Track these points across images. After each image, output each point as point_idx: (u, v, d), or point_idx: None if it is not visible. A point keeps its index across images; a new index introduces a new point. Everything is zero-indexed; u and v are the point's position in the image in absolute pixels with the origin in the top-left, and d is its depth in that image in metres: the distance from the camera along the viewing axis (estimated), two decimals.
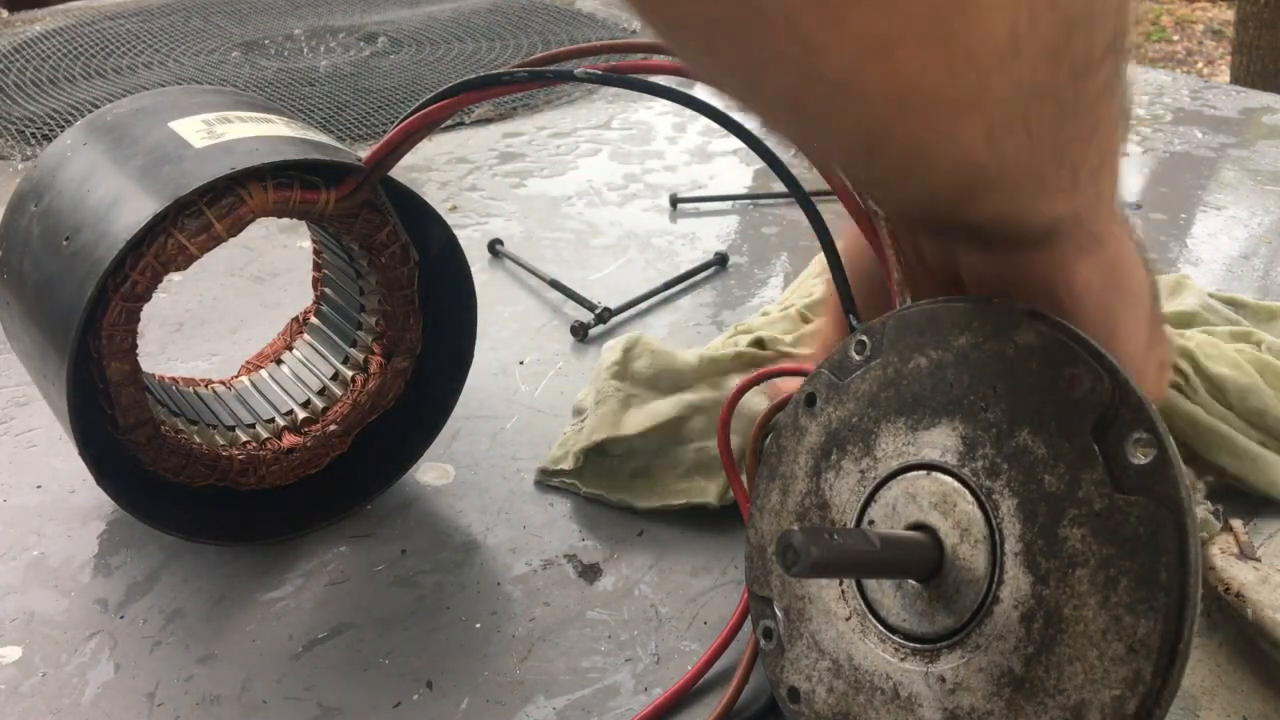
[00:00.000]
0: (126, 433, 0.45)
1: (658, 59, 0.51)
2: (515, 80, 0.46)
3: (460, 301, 0.53)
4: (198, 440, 0.49)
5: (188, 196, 0.41)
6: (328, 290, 0.57)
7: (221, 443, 0.50)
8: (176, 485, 0.48)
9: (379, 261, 0.50)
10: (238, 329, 0.69)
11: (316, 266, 0.58)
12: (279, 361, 0.58)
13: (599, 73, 0.46)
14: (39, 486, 0.54)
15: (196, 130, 0.45)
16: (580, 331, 0.68)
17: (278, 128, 0.47)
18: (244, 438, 0.51)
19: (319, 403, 0.54)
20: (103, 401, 0.44)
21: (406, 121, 0.46)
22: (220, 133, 0.45)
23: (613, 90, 1.19)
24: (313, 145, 0.46)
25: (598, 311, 0.69)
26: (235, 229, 0.43)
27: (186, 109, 0.47)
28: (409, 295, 0.52)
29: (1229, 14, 4.38)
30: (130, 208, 0.42)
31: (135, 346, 0.44)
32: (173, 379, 0.54)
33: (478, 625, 0.46)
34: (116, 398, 0.44)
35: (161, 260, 0.42)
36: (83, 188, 0.44)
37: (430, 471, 0.55)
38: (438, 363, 0.55)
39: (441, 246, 0.51)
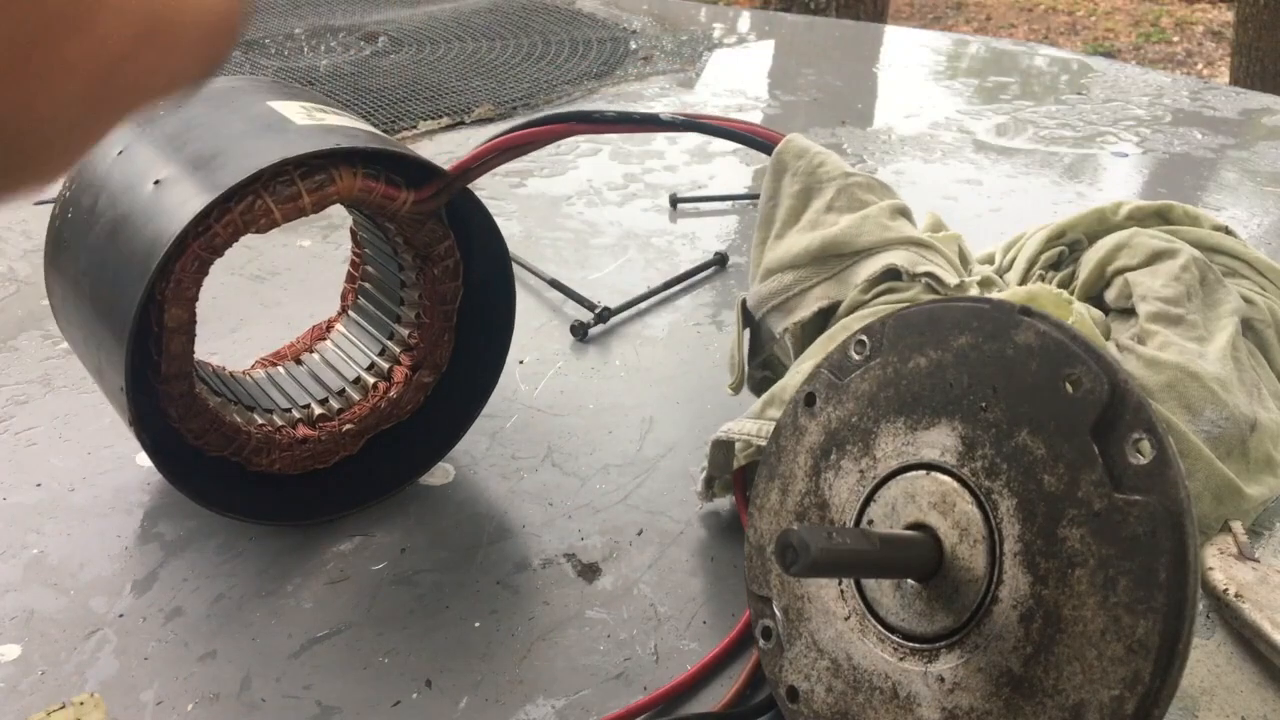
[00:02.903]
0: (165, 382, 0.46)
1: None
2: (606, 120, 0.52)
3: (497, 328, 0.53)
4: (220, 411, 0.49)
5: (299, 158, 0.42)
6: (362, 299, 0.58)
7: (239, 420, 0.50)
8: (195, 453, 0.49)
9: (431, 273, 0.50)
10: (237, 328, 0.69)
11: (351, 278, 0.58)
12: (299, 361, 0.58)
13: (682, 119, 0.52)
14: (38, 485, 0.54)
15: (296, 112, 0.46)
16: (580, 331, 0.68)
17: (365, 125, 0.48)
18: (260, 420, 0.52)
19: (335, 403, 0.54)
20: (152, 347, 0.45)
21: (499, 139, 0.47)
22: (319, 117, 0.46)
23: (613, 90, 1.19)
24: (396, 144, 0.47)
25: (597, 311, 0.69)
26: (319, 206, 0.44)
27: (280, 95, 0.49)
28: (449, 312, 0.52)
29: (1229, 15, 4.38)
30: (232, 161, 0.42)
31: (197, 298, 0.45)
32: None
33: (477, 624, 0.46)
34: (167, 344, 0.44)
35: (246, 219, 0.43)
36: (175, 141, 0.45)
37: (430, 471, 0.55)
38: (460, 384, 0.55)
39: (493, 275, 0.52)
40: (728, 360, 0.56)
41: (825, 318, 0.52)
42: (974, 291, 0.50)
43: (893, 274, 0.51)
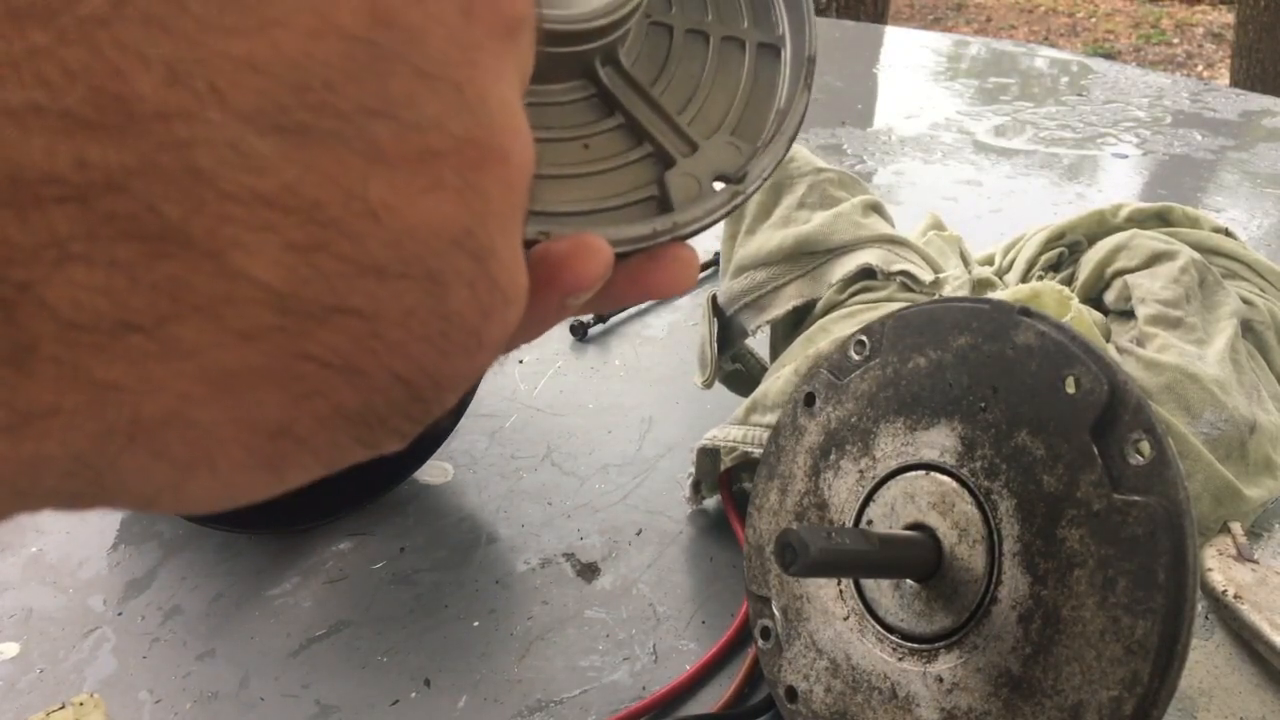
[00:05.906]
0: None
1: None
2: None
3: None
4: None
5: None
6: None
7: None
8: None
9: None
10: None
11: None
12: None
13: None
14: None
15: None
16: (579, 331, 0.68)
17: None
18: None
19: None
20: None
21: None
22: None
23: None
24: None
25: None
26: None
27: None
28: None
29: (1229, 17, 4.39)
30: None
31: None
32: None
33: (476, 623, 0.46)
34: None
35: None
36: None
37: (429, 469, 0.55)
38: None
39: None
40: (697, 355, 0.56)
41: (799, 315, 0.53)
42: (949, 287, 0.50)
43: (867, 273, 0.51)
